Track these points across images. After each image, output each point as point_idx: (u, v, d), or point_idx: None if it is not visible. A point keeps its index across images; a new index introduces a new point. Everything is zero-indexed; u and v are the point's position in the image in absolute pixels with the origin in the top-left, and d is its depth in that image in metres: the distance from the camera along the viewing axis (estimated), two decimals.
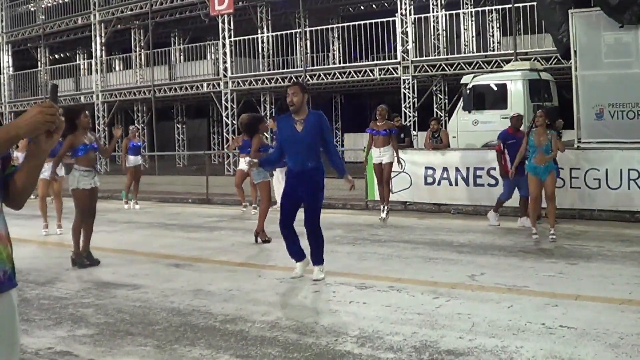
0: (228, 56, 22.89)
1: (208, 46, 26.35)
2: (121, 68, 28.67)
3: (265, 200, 9.48)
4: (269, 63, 24.08)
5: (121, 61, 29.20)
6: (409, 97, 19.67)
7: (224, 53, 22.97)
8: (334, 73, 21.36)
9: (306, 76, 21.24)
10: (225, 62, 23.00)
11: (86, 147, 7.87)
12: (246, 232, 10.00)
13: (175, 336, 5.03)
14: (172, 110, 30.97)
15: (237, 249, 9.00)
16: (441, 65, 19.22)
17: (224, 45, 22.86)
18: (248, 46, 23.34)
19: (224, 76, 23.04)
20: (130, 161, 14.15)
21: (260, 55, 24.13)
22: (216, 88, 23.45)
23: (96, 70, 26.91)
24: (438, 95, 22.01)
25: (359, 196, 13.10)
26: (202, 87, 24.00)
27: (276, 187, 11.26)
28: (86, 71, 28.58)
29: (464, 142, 14.87)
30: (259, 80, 22.73)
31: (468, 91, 15.50)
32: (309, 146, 6.69)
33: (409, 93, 19.64)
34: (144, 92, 25.51)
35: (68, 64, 29.62)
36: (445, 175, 12.00)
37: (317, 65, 24.07)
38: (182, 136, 30.25)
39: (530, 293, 6.01)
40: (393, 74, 20.00)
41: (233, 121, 22.33)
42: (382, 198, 11.36)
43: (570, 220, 10.37)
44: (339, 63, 23.94)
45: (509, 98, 14.98)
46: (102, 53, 26.99)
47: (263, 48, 24.07)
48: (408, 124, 18.40)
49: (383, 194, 11.35)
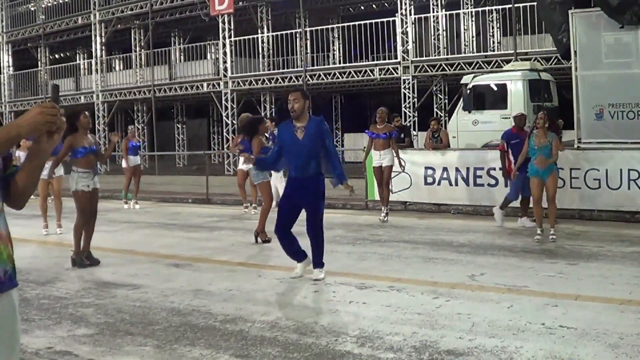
0: (228, 56, 22.89)
1: (208, 46, 26.33)
2: (121, 68, 28.67)
3: (266, 201, 9.47)
4: (269, 63, 24.08)
5: (121, 61, 29.19)
6: (409, 97, 19.66)
7: (224, 53, 22.96)
8: (334, 73, 21.35)
9: (306, 76, 21.24)
10: (225, 62, 23.00)
11: (86, 150, 7.88)
12: (246, 232, 10.01)
13: (175, 336, 5.03)
14: (172, 110, 30.98)
15: (237, 249, 9.00)
16: (441, 65, 19.21)
17: (224, 45, 22.85)
18: (248, 46, 23.33)
19: (224, 76, 23.04)
20: (130, 161, 14.22)
21: (260, 55, 24.12)
22: (216, 88, 23.44)
23: (96, 70, 26.91)
24: (438, 95, 22.01)
25: (359, 196, 13.11)
26: (202, 87, 23.99)
27: (279, 187, 11.24)
28: (86, 71, 28.57)
29: (464, 142, 14.86)
30: (259, 80, 22.72)
31: (468, 91, 15.49)
32: (310, 153, 6.69)
33: (409, 93, 19.63)
34: (144, 92, 25.50)
35: (68, 64, 29.60)
36: (445, 175, 11.99)
37: (317, 65, 24.07)
38: (182, 136, 30.24)
39: (530, 293, 6.01)
40: (393, 74, 19.99)
41: (233, 121, 22.32)
42: (382, 199, 11.38)
43: (570, 220, 10.36)
44: (339, 63, 23.93)
45: (509, 98, 14.97)
46: (102, 53, 26.99)
47: (263, 48, 24.07)
48: (408, 124, 18.39)
49: (383, 196, 11.37)
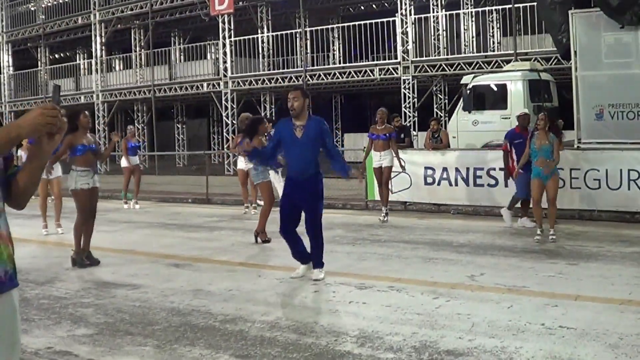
0: (228, 56, 22.89)
1: (208, 46, 26.34)
2: (121, 68, 28.67)
3: (267, 201, 9.46)
4: (269, 63, 24.08)
5: (121, 61, 29.20)
6: (409, 97, 19.66)
7: (224, 53, 22.97)
8: (334, 73, 21.35)
9: (306, 76, 21.24)
10: (225, 62, 23.00)
11: (84, 148, 7.88)
12: (246, 232, 10.01)
13: (175, 336, 5.03)
14: (172, 110, 30.98)
15: (237, 249, 9.00)
16: (441, 65, 19.21)
17: (224, 45, 22.86)
18: (248, 46, 23.34)
19: (224, 76, 23.04)
20: (129, 161, 14.21)
21: (260, 55, 24.13)
22: (216, 88, 23.44)
23: (96, 70, 26.91)
24: (438, 95, 22.01)
25: (359, 196, 13.13)
26: (202, 87, 23.99)
27: (278, 187, 11.25)
28: (86, 71, 28.58)
29: (464, 143, 14.86)
30: (259, 80, 22.72)
31: (468, 91, 15.49)
32: (307, 152, 6.71)
33: (409, 93, 19.63)
34: (144, 92, 25.51)
35: (68, 64, 29.61)
36: (445, 175, 12.00)
37: (317, 65, 24.08)
38: (182, 136, 30.24)
39: (530, 293, 6.01)
40: (393, 74, 19.99)
41: (233, 121, 22.32)
42: (382, 200, 11.39)
43: (570, 220, 10.36)
44: (339, 63, 23.95)
45: (509, 98, 14.98)
46: (102, 53, 26.99)
47: (263, 48, 24.07)
48: (408, 124, 18.39)
49: (383, 197, 11.38)
